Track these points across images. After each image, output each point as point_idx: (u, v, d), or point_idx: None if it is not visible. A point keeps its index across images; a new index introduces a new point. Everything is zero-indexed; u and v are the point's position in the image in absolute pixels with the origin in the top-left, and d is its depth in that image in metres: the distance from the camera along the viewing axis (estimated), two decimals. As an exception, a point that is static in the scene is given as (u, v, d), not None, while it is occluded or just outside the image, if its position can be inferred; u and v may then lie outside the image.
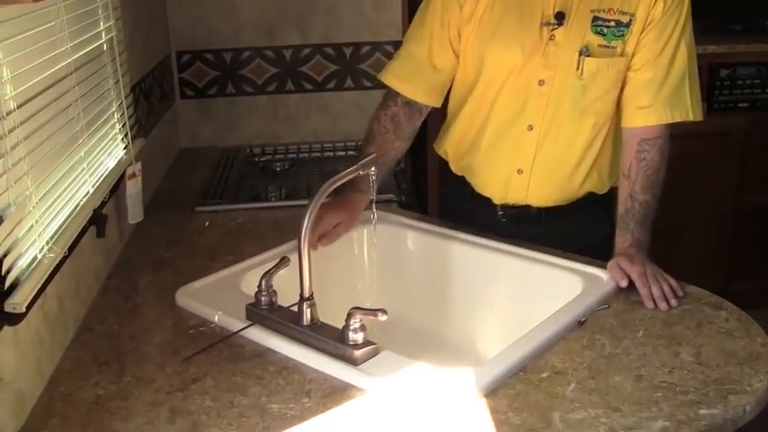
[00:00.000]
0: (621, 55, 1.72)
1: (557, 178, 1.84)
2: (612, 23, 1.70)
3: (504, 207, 1.89)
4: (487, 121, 1.84)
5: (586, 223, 1.88)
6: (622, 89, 1.77)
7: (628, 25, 1.70)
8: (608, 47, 1.71)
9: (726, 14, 3.50)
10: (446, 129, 1.96)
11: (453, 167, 1.98)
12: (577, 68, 1.73)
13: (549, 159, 1.82)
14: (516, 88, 1.78)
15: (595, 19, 1.71)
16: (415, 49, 1.88)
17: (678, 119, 1.72)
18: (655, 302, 1.56)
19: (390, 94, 1.90)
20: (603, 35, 1.71)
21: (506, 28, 1.76)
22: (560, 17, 1.71)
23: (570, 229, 1.88)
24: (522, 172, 1.84)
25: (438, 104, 1.92)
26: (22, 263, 1.35)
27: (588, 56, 1.72)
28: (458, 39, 1.83)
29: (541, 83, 1.75)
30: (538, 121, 1.79)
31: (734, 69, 3.29)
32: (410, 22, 1.94)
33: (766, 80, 3.32)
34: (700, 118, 1.76)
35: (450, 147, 1.96)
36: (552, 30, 1.72)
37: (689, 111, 1.73)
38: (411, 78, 1.88)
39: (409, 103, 1.88)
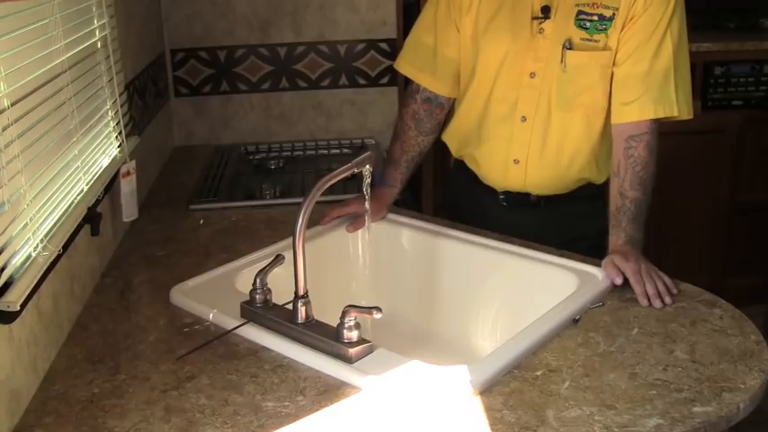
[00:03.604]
0: (604, 49, 1.74)
1: (552, 168, 1.87)
2: (595, 17, 1.72)
3: (505, 193, 1.95)
4: (485, 112, 1.89)
5: (585, 213, 1.91)
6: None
7: (611, 19, 1.72)
8: (590, 40, 1.73)
9: (720, 12, 3.50)
10: (451, 119, 2.01)
11: (455, 155, 2.04)
12: (561, 61, 1.75)
13: (543, 150, 1.85)
14: (510, 80, 1.82)
15: (579, 13, 1.74)
16: (424, 37, 1.93)
17: (662, 114, 1.72)
18: (649, 300, 1.56)
19: (411, 91, 1.98)
20: (586, 29, 1.73)
21: (500, 20, 1.79)
22: (546, 11, 1.75)
23: (570, 217, 1.92)
24: (518, 162, 1.88)
25: (457, 95, 1.97)
26: (17, 261, 1.35)
27: (570, 49, 1.74)
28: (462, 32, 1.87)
29: (532, 75, 1.79)
30: (530, 112, 1.82)
31: (728, 67, 3.30)
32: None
33: (760, 78, 3.33)
34: (687, 116, 1.76)
35: (452, 137, 2.01)
36: (540, 23, 1.75)
37: (674, 106, 1.72)
38: (426, 68, 1.93)
39: (429, 99, 1.95)
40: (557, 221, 1.90)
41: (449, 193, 2.18)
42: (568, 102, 1.79)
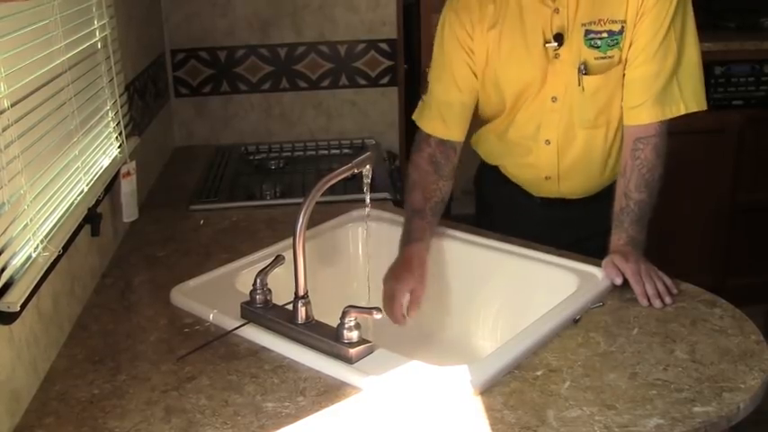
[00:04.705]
0: (620, 62, 1.73)
1: (584, 178, 1.90)
2: (605, 34, 1.70)
3: (541, 197, 1.97)
4: (509, 136, 1.89)
5: None
6: None
7: (620, 33, 1.70)
8: (605, 58, 1.72)
9: (720, 12, 3.50)
10: (477, 135, 1.98)
11: (486, 161, 2.04)
12: (579, 84, 1.74)
13: (572, 166, 1.87)
14: (533, 107, 1.82)
15: (587, 33, 1.71)
16: (439, 88, 1.85)
17: (670, 115, 1.72)
18: (649, 300, 1.56)
19: (423, 137, 1.87)
20: (598, 47, 1.71)
21: (515, 51, 1.76)
22: (559, 38, 1.72)
23: (607, 209, 1.86)
24: (549, 178, 1.91)
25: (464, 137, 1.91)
26: (17, 261, 1.35)
27: (586, 74, 1.73)
28: (476, 69, 1.82)
29: (554, 99, 1.78)
30: (553, 135, 1.83)
31: (728, 67, 3.30)
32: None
33: (760, 78, 3.33)
34: (698, 108, 1.74)
35: (480, 146, 2.02)
36: (556, 49, 1.73)
37: (680, 104, 1.72)
38: (444, 118, 1.85)
39: (443, 142, 1.85)
40: (596, 213, 1.85)
41: (481, 190, 2.15)
42: (591, 121, 1.80)
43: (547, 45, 1.74)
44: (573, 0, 1.70)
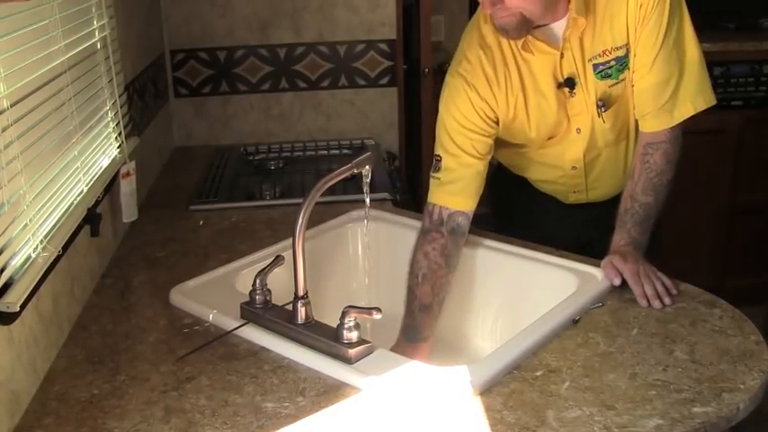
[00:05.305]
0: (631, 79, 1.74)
1: (611, 185, 1.91)
2: (613, 62, 1.70)
3: (568, 203, 2.00)
4: (533, 158, 1.90)
5: None
6: None
7: (627, 54, 1.70)
8: (618, 81, 1.72)
9: (719, 13, 3.50)
10: (499, 152, 1.92)
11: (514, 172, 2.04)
12: (599, 116, 1.75)
13: (598, 180, 1.90)
14: (557, 141, 1.82)
15: (596, 66, 1.71)
16: (459, 159, 1.75)
17: (680, 118, 1.72)
18: (648, 301, 1.56)
19: (433, 225, 1.76)
20: (610, 76, 1.71)
21: (537, 105, 1.75)
22: (570, 82, 1.72)
23: None
24: (578, 191, 1.94)
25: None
26: (16, 262, 1.35)
27: (606, 110, 1.74)
28: (495, 132, 1.77)
29: (579, 131, 1.79)
30: (579, 162, 1.85)
31: (727, 68, 3.30)
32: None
33: (760, 78, 3.33)
34: (706, 105, 1.75)
35: (504, 160, 2.01)
36: (570, 91, 1.73)
37: (688, 105, 1.72)
38: (463, 189, 1.76)
39: (454, 230, 1.76)
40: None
41: (503, 193, 2.11)
42: (614, 140, 1.82)
43: (562, 89, 1.73)
44: (575, 41, 1.68)
